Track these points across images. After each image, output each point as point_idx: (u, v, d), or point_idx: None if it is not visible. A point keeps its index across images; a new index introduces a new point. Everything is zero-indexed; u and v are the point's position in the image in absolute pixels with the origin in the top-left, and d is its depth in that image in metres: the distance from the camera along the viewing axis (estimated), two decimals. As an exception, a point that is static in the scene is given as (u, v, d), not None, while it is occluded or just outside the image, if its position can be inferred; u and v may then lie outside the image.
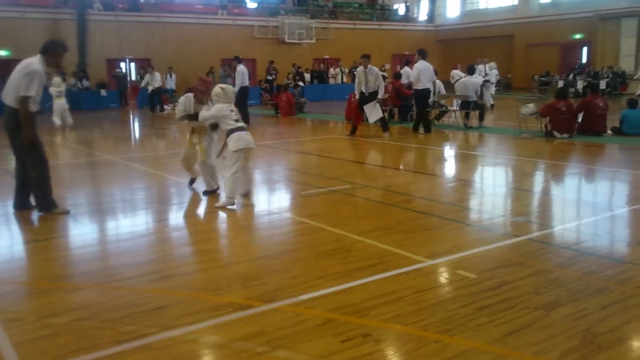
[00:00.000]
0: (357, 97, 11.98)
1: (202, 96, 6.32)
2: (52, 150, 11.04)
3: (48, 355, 2.88)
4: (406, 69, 15.56)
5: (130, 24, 24.53)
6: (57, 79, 14.49)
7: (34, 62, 5.38)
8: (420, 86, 12.11)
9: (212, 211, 6.13)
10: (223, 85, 6.17)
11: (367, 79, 11.64)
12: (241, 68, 14.23)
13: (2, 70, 15.86)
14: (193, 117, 6.42)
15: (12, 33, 21.67)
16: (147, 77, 19.95)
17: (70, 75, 22.25)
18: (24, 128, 5.34)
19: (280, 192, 7.19)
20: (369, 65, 11.66)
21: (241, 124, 6.01)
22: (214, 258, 4.50)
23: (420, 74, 12.06)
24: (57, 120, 14.15)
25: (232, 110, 5.95)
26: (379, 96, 11.75)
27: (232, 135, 5.86)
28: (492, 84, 18.74)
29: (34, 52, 5.53)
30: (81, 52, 22.43)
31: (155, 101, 19.89)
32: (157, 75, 19.97)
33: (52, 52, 5.48)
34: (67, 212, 5.71)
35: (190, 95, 6.51)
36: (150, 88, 19.74)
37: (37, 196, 5.64)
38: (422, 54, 12.25)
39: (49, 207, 5.62)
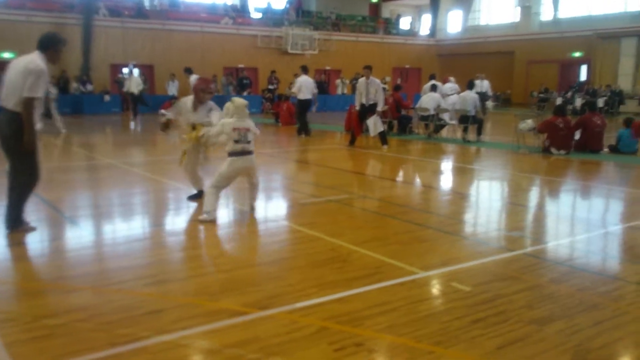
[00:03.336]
0: (357, 108, 12.04)
1: (203, 94, 6.26)
2: (52, 154, 11.07)
3: (42, 357, 2.89)
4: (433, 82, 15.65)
5: (135, 30, 24.66)
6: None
7: (36, 59, 4.81)
8: (301, 97, 14.38)
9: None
10: (234, 99, 5.89)
11: (368, 90, 11.71)
12: (195, 78, 14.30)
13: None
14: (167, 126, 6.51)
15: (17, 36, 21.74)
16: (126, 81, 19.87)
17: (73, 79, 22.36)
18: (26, 133, 4.76)
19: (278, 201, 7.22)
20: (371, 77, 11.75)
21: (243, 146, 5.66)
22: (210, 264, 4.52)
23: (301, 86, 14.40)
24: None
25: (235, 129, 5.60)
26: (379, 108, 11.82)
27: (228, 159, 5.67)
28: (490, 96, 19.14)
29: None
30: (85, 57, 22.53)
31: (135, 107, 19.58)
32: (135, 79, 19.71)
33: (53, 48, 4.93)
34: (32, 229, 5.17)
35: (187, 98, 6.43)
36: (133, 92, 19.53)
37: (9, 208, 5.05)
38: (304, 70, 14.92)
39: (17, 224, 5.07)
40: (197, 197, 6.53)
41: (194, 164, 6.50)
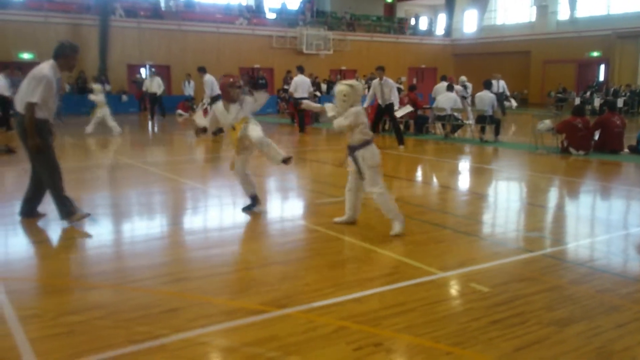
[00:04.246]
0: (365, 107, 11.90)
1: (231, 90, 5.73)
2: (68, 153, 11.21)
3: (63, 353, 2.93)
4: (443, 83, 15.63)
5: (151, 30, 24.86)
6: (97, 86, 14.73)
7: (44, 67, 5.18)
8: (297, 95, 14.82)
9: (225, 216, 6.19)
10: (349, 82, 5.22)
11: (382, 90, 11.69)
12: (208, 77, 14.28)
13: (26, 73, 16.16)
14: (203, 130, 5.99)
15: (35, 37, 22.06)
16: (146, 81, 20.02)
17: (91, 80, 22.58)
18: (28, 136, 5.10)
19: (294, 200, 7.23)
20: (384, 77, 11.71)
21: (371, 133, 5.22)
22: (227, 263, 4.54)
23: (297, 85, 15.00)
24: (91, 128, 14.27)
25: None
26: (395, 107, 11.78)
27: (369, 147, 5.09)
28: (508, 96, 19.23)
29: None
30: (102, 57, 22.77)
31: (153, 108, 19.58)
32: (157, 79, 19.75)
33: (62, 55, 5.24)
34: (87, 215, 5.50)
35: (218, 103, 5.95)
36: (155, 92, 19.62)
37: (56, 204, 5.39)
38: (300, 70, 15.52)
39: (69, 214, 5.37)
40: (252, 207, 6.03)
41: (243, 167, 5.96)
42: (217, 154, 12.08)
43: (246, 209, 6.05)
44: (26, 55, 22.01)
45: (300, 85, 15.06)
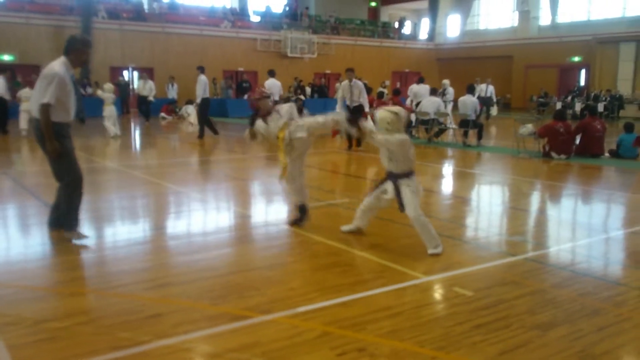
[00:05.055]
0: (337, 109, 11.82)
1: (262, 102, 5.50)
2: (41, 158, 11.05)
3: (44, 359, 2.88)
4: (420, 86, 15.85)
5: (134, 33, 24.69)
6: (108, 85, 14.59)
7: (55, 64, 4.77)
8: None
9: (209, 220, 6.15)
10: (393, 109, 4.89)
11: (352, 92, 11.71)
12: (203, 78, 14.28)
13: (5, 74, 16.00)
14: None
15: (16, 38, 21.77)
16: (139, 84, 20.10)
17: (77, 83, 22.35)
18: (46, 140, 4.71)
19: (279, 204, 7.20)
20: (354, 79, 11.75)
21: None
22: (210, 267, 4.50)
23: (269, 89, 14.50)
24: (110, 125, 14.18)
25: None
26: (366, 110, 11.79)
27: (413, 177, 4.83)
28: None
29: (38, 57, 5.33)
30: (85, 60, 22.55)
31: (144, 109, 19.83)
32: (150, 83, 20.02)
33: (74, 50, 4.83)
34: (84, 237, 5.07)
35: (257, 122, 5.57)
36: (149, 96, 19.82)
37: (64, 213, 5.00)
38: (271, 74, 15.82)
39: (73, 227, 5.03)
40: (301, 221, 5.69)
41: (299, 175, 5.63)
42: (201, 157, 12.01)
43: (295, 223, 5.68)
44: (6, 57, 21.70)
45: (271, 88, 15.24)
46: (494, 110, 23.69)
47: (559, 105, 22.33)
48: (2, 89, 14.87)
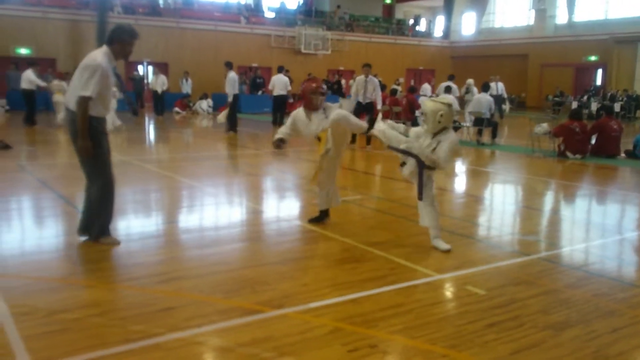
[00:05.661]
0: (353, 104, 11.77)
1: (315, 97, 5.12)
2: (61, 150, 11.16)
3: (57, 351, 2.90)
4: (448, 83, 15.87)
5: (149, 27, 24.77)
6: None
7: (97, 54, 4.44)
8: (275, 93, 16.41)
9: (222, 215, 6.17)
10: (445, 99, 4.63)
11: (366, 87, 11.68)
12: (232, 75, 14.13)
13: (23, 67, 16.16)
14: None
15: (33, 32, 21.99)
16: (152, 79, 20.30)
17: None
18: (79, 136, 4.38)
19: (291, 200, 7.21)
20: (370, 75, 11.71)
21: None
22: (223, 262, 4.51)
23: (275, 84, 16.37)
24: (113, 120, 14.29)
25: None
26: (378, 107, 11.73)
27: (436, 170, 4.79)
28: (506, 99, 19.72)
29: (54, 51, 5.07)
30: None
31: (157, 104, 19.98)
32: (162, 78, 20.15)
33: (119, 40, 4.51)
34: (118, 243, 4.78)
35: (298, 111, 5.34)
36: (157, 90, 19.94)
37: (96, 217, 4.70)
38: (280, 70, 16.81)
39: (106, 232, 4.78)
40: (322, 218, 5.62)
41: (332, 179, 5.51)
42: (215, 152, 12.05)
43: (314, 221, 5.61)
44: (24, 51, 21.93)
45: (277, 83, 16.34)
46: (506, 108, 23.52)
47: (574, 105, 22.11)
48: (30, 81, 14.97)
